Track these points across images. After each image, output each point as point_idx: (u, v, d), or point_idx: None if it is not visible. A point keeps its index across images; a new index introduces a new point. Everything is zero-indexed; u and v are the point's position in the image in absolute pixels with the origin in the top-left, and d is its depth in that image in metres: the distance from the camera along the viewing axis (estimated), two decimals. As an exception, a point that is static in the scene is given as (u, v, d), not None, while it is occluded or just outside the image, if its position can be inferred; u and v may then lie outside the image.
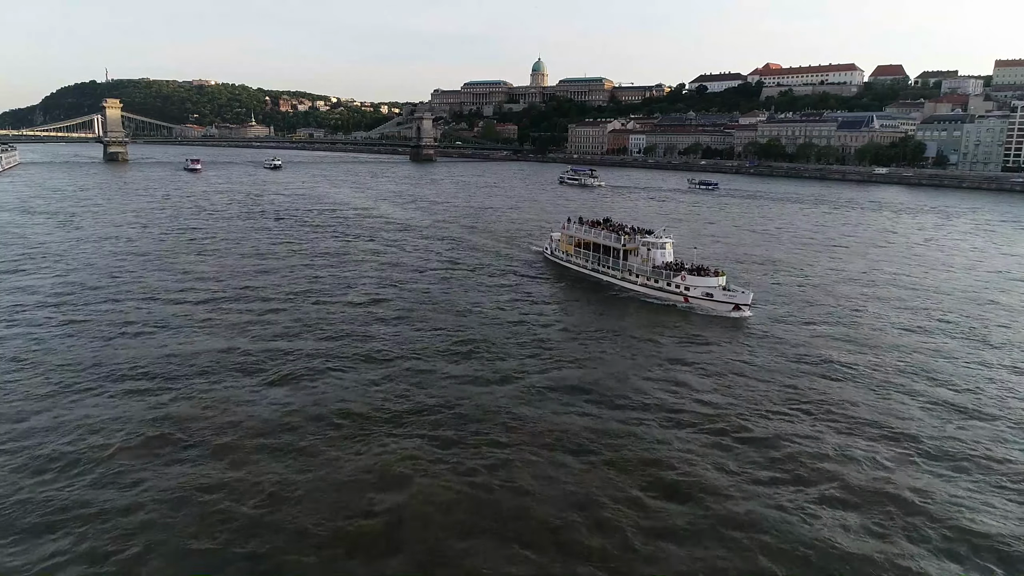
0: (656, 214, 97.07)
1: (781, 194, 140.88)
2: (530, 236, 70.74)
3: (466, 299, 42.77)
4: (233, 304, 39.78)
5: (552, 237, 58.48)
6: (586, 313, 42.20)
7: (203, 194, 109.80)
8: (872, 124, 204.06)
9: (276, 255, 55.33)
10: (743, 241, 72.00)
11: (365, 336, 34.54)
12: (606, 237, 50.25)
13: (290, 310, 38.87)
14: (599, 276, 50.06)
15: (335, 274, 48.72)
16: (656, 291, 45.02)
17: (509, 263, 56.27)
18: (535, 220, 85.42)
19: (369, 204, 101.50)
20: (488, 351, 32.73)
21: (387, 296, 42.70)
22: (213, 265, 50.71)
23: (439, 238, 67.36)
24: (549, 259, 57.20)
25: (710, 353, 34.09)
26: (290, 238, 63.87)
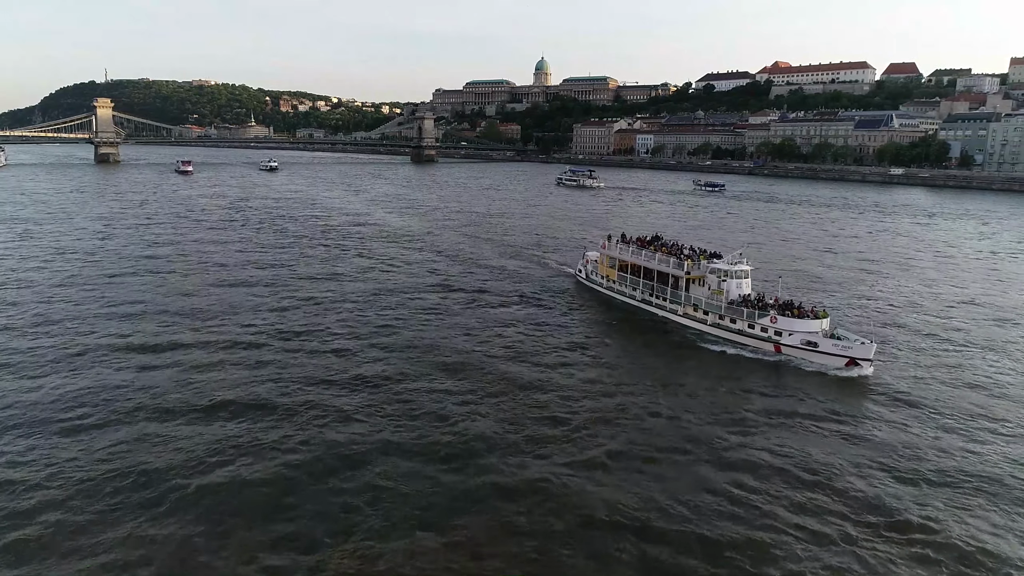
0: (658, 218, 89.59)
1: (798, 197, 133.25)
2: (541, 247, 63.32)
3: (470, 343, 33.56)
4: (160, 356, 30.03)
5: (587, 257, 48.66)
6: (635, 366, 32.44)
7: (186, 198, 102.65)
8: (891, 123, 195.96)
9: (244, 279, 45.41)
10: (773, 254, 63.06)
11: (328, 416, 24.51)
12: (662, 261, 40.53)
13: (231, 372, 28.57)
14: (652, 310, 40.92)
15: (307, 310, 38.38)
16: (733, 335, 35.36)
17: (526, 286, 47.12)
18: (547, 228, 78.03)
19: (363, 210, 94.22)
20: (496, 438, 23.18)
21: (362, 346, 32.12)
22: (160, 292, 41.69)
23: (437, 251, 59.87)
24: (584, 284, 47.88)
25: (837, 443, 23.52)
26: (266, 254, 55.97)
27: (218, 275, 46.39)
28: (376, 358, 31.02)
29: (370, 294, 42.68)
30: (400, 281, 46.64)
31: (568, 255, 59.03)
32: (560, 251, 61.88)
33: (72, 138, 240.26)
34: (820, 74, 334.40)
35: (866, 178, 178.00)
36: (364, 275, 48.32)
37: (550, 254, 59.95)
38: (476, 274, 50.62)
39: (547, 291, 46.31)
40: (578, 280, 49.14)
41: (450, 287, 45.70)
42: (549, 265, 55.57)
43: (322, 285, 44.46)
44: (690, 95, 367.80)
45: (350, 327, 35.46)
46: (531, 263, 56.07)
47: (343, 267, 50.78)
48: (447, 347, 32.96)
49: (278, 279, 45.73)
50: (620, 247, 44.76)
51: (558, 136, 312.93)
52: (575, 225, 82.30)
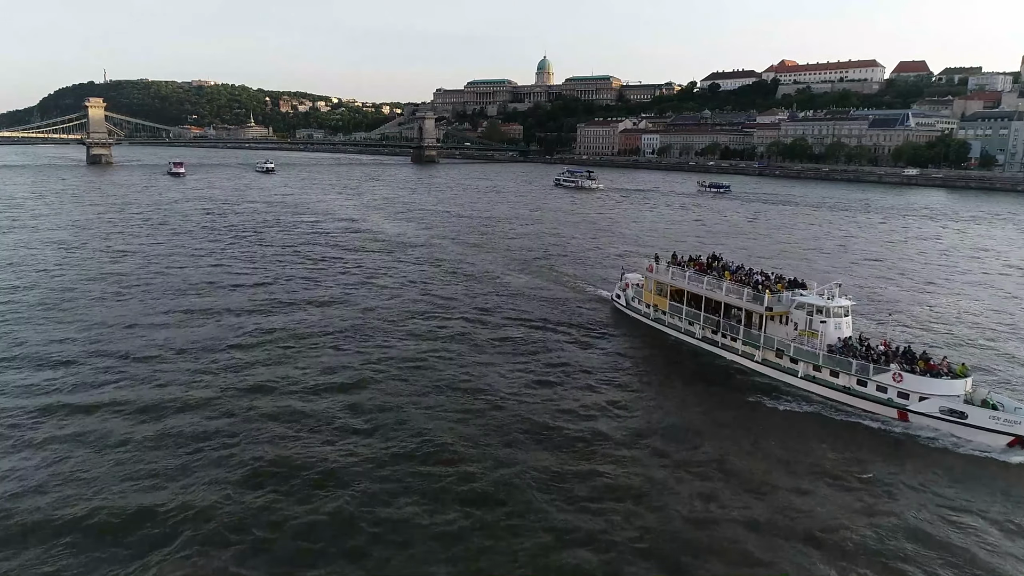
0: (669, 224, 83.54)
1: (815, 199, 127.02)
2: (550, 258, 57.21)
3: (473, 394, 26.60)
4: (66, 425, 23.05)
5: (628, 280, 40.89)
6: (702, 429, 24.49)
7: (170, 203, 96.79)
8: (907, 122, 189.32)
9: (206, 307, 37.97)
10: (813, 268, 53.64)
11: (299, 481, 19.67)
12: (732, 291, 32.22)
13: (172, 422, 23.16)
14: (717, 351, 32.71)
15: (272, 349, 30.86)
16: (836, 392, 26.89)
17: (544, 311, 39.70)
18: (555, 235, 71.92)
19: (357, 215, 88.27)
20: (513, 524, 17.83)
21: (332, 411, 24.53)
22: (98, 326, 34.34)
23: (435, 264, 53.73)
24: (623, 312, 40.24)
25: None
26: (242, 269, 49.62)
27: (177, 300, 39.71)
28: (350, 428, 23.62)
29: (352, 324, 35.88)
30: (390, 305, 40.18)
31: (587, 269, 52.89)
32: (575, 263, 55.77)
33: (64, 139, 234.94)
34: (828, 73, 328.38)
35: (882, 179, 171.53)
36: (349, 297, 42.00)
37: (564, 267, 53.73)
38: (480, 294, 44.00)
39: (572, 318, 38.95)
40: (615, 306, 41.23)
41: (449, 312, 39.20)
42: (567, 282, 48.60)
43: (297, 313, 37.67)
44: (695, 94, 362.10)
45: (319, 379, 28.11)
46: (544, 279, 49.34)
47: (326, 287, 44.41)
48: (444, 407, 25.64)
49: (247, 304, 39.11)
50: (673, 271, 36.30)
51: (561, 136, 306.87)
52: (584, 232, 76.28)
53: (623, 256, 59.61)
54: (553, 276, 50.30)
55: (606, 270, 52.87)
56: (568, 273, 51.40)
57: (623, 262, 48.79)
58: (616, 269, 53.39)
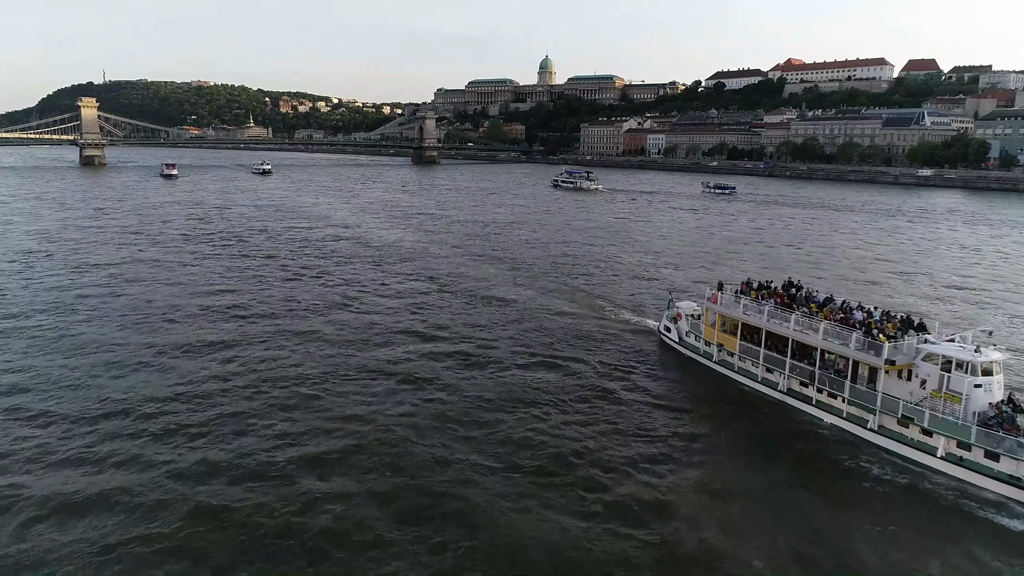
0: (672, 228, 78.00)
1: (829, 201, 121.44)
2: (560, 270, 51.72)
3: (473, 463, 20.79)
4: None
5: (680, 311, 33.58)
6: (800, 527, 18.26)
7: (155, 207, 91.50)
8: (923, 121, 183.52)
9: (164, 334, 32.40)
10: (863, 287, 47.57)
11: None
12: (833, 335, 24.78)
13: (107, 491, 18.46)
14: (810, 410, 25.45)
15: (240, 387, 25.93)
16: (1000, 485, 19.66)
17: (564, 341, 33.14)
18: (565, 243, 66.47)
19: (351, 219, 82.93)
20: None
21: (295, 468, 19.90)
22: (44, 354, 29.67)
23: (433, 280, 48.15)
24: (673, 348, 33.16)
25: None
26: (216, 285, 43.92)
27: (125, 333, 33.32)
28: (317, 494, 18.83)
29: (331, 355, 30.05)
30: (377, 329, 34.47)
31: (607, 285, 46.96)
32: (591, 277, 49.99)
33: (56, 139, 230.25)
34: (836, 71, 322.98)
35: (898, 180, 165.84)
36: (330, 318, 36.38)
37: (579, 281, 48.06)
38: (483, 318, 37.48)
39: (603, 352, 31.81)
40: (663, 340, 34.06)
41: (446, 341, 33.30)
42: (584, 301, 42.08)
43: (268, 344, 31.39)
44: (699, 94, 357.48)
45: (284, 429, 23.03)
46: (559, 297, 43.08)
47: (307, 307, 38.68)
48: (436, 475, 20.35)
49: (208, 335, 32.95)
50: (745, 304, 28.78)
51: (564, 136, 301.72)
52: (594, 238, 70.83)
53: (647, 271, 54.12)
54: (569, 293, 44.08)
55: (629, 285, 47.23)
56: (583, 288, 45.61)
57: (673, 290, 40.60)
58: (635, 281, 48.21)
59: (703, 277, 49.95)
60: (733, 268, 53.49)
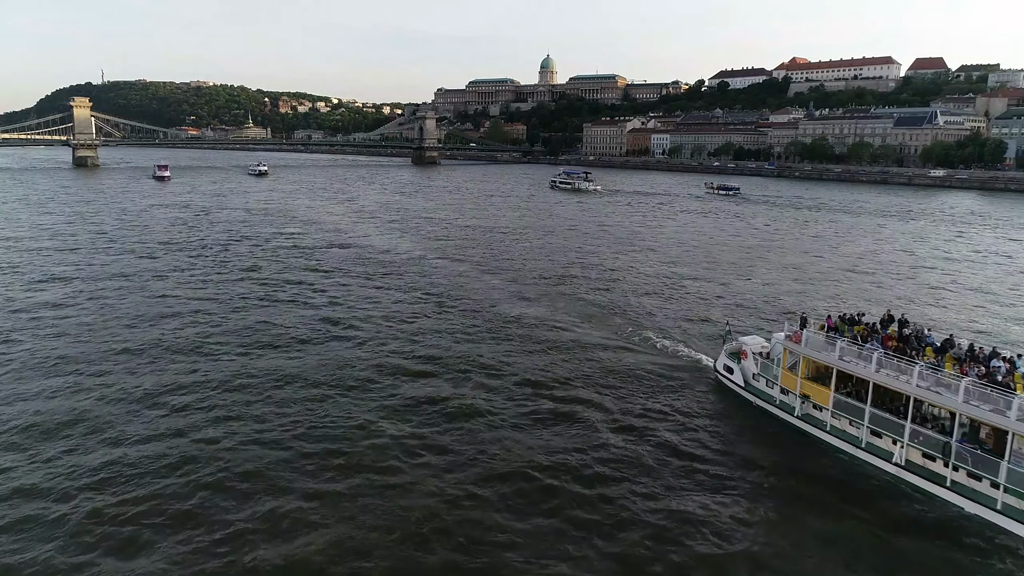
0: (685, 233, 73.25)
1: (844, 203, 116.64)
2: (574, 282, 47.05)
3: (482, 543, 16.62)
4: None
5: (746, 348, 27.05)
6: None
7: (139, 211, 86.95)
8: (936, 120, 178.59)
9: (119, 362, 28.16)
10: (916, 307, 41.48)
11: None
12: (980, 395, 18.91)
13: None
14: (941, 493, 19.49)
15: (199, 432, 21.83)
16: None
17: (587, 374, 28.21)
18: (575, 249, 61.82)
19: (346, 224, 78.35)
20: None
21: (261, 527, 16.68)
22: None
23: (430, 292, 43.48)
24: (735, 392, 26.98)
25: None
26: (185, 300, 39.31)
27: (77, 360, 28.90)
28: None
29: (301, 411, 23.96)
30: (362, 366, 29.21)
31: (627, 305, 41.81)
32: (609, 291, 45.07)
33: (48, 140, 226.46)
34: (842, 70, 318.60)
35: (912, 180, 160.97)
36: (308, 351, 31.27)
37: (597, 296, 43.26)
38: (487, 347, 31.91)
39: (640, 393, 26.28)
40: (721, 381, 27.83)
41: (443, 372, 28.55)
42: (603, 320, 36.86)
43: (229, 391, 25.87)
44: (703, 93, 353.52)
45: (253, 480, 19.15)
46: (576, 315, 37.80)
47: (283, 335, 33.56)
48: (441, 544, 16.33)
49: (165, 370, 28.18)
50: (842, 345, 22.62)
51: (566, 136, 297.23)
52: (605, 245, 66.19)
53: (669, 284, 49.33)
54: (585, 313, 38.80)
55: (653, 303, 42.16)
56: (601, 306, 40.58)
57: (728, 320, 33.56)
58: (659, 299, 42.88)
59: (736, 292, 45.25)
60: (769, 283, 48.86)
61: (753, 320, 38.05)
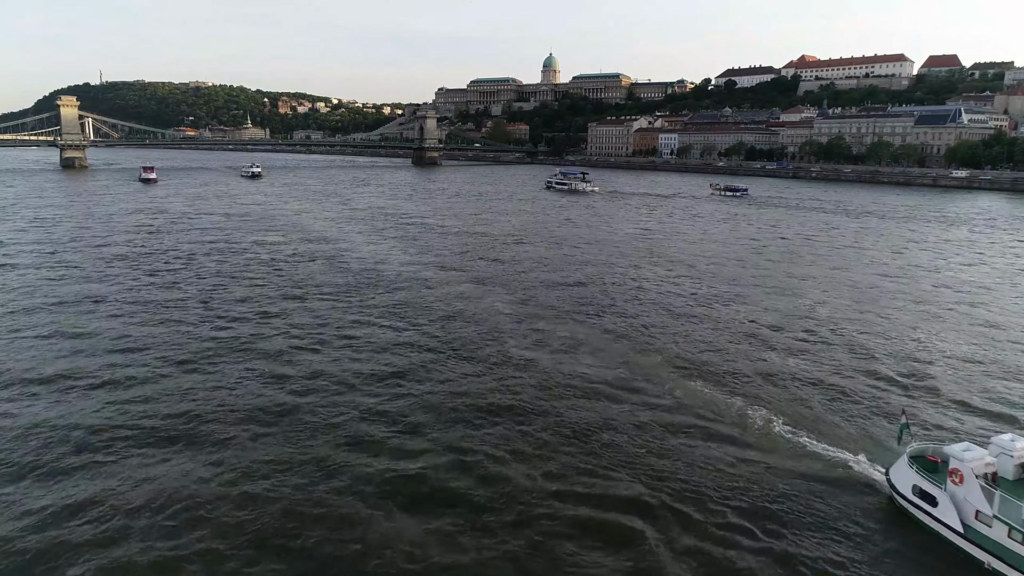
0: (710, 240, 65.39)
1: (871, 206, 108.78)
2: (595, 305, 39.31)
3: None
4: None
5: (957, 462, 17.18)
6: None
7: (110, 216, 79.51)
8: (960, 118, 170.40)
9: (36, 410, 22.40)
10: None
11: None
12: None
13: None
14: None
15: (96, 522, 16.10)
16: None
17: (646, 481, 19.13)
18: (595, 265, 54.05)
19: (334, 231, 70.78)
20: None
21: None
22: None
23: (424, 325, 35.87)
24: (949, 539, 17.04)
25: None
26: (120, 331, 32.06)
27: None
28: None
29: (246, 511, 17.70)
30: (330, 437, 21.83)
31: (670, 339, 33.68)
32: (637, 317, 37.63)
33: (38, 140, 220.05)
34: (853, 68, 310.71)
35: (937, 181, 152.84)
36: (259, 417, 23.65)
37: (625, 323, 35.61)
38: (495, 422, 23.06)
39: (751, 514, 17.74)
40: (904, 508, 18.37)
41: (435, 451, 20.87)
42: (651, 370, 27.77)
43: (150, 478, 19.73)
44: (710, 92, 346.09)
45: None
46: (602, 359, 29.43)
47: (233, 392, 25.99)
48: None
49: (68, 450, 21.34)
50: None
51: (570, 136, 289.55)
52: (618, 255, 58.50)
53: (714, 306, 41.52)
54: (616, 351, 30.18)
55: (704, 334, 34.15)
56: (632, 338, 32.56)
57: (900, 401, 24.45)
58: (708, 328, 33.99)
59: (840, 332, 35.31)
60: (887, 319, 39.37)
61: (912, 393, 26.05)
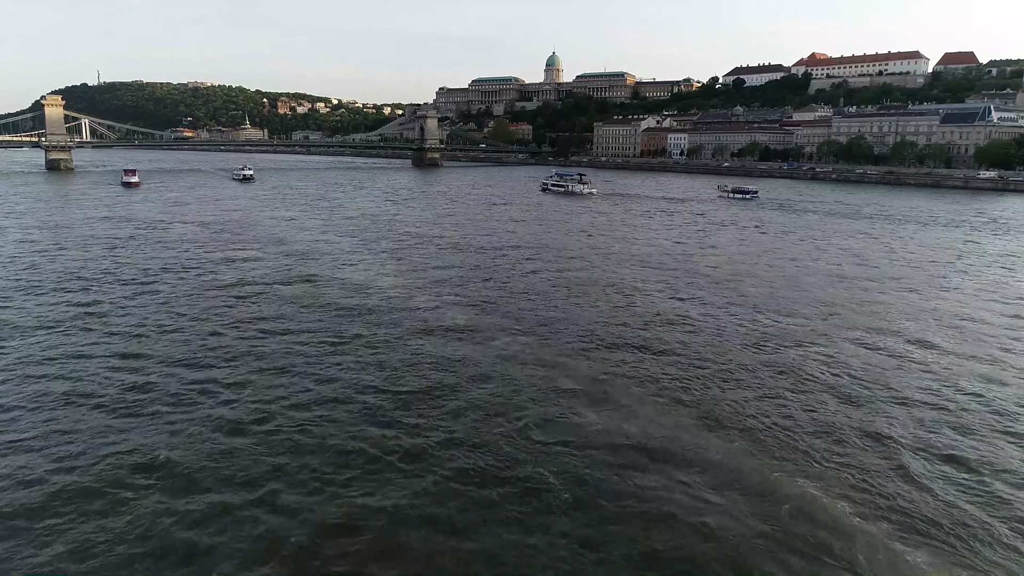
0: (745, 250, 56.79)
1: (905, 211, 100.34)
2: (623, 340, 30.79)
3: None
4: None
5: None
6: None
7: (70, 224, 71.26)
8: (989, 116, 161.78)
9: None
10: None
11: None
12: None
13: None
14: None
15: None
16: None
17: None
18: (618, 288, 45.54)
19: (320, 243, 62.30)
20: None
21: None
22: None
23: (413, 376, 27.56)
24: None
25: None
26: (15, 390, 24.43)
27: None
28: None
29: None
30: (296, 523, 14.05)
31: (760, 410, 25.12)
32: (701, 371, 29.26)
33: (27, 141, 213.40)
34: (865, 65, 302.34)
35: (969, 183, 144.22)
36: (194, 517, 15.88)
37: (681, 374, 27.22)
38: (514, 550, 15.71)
39: None
40: None
41: None
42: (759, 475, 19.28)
43: None
44: (717, 91, 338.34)
45: None
46: (665, 434, 21.47)
47: (162, 460, 18.32)
48: None
49: None
50: None
51: (575, 136, 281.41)
52: (646, 272, 50.03)
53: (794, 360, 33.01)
54: (684, 425, 21.94)
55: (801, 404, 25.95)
56: (700, 404, 24.24)
57: None
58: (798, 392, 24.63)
59: None
60: (945, 356, 32.11)
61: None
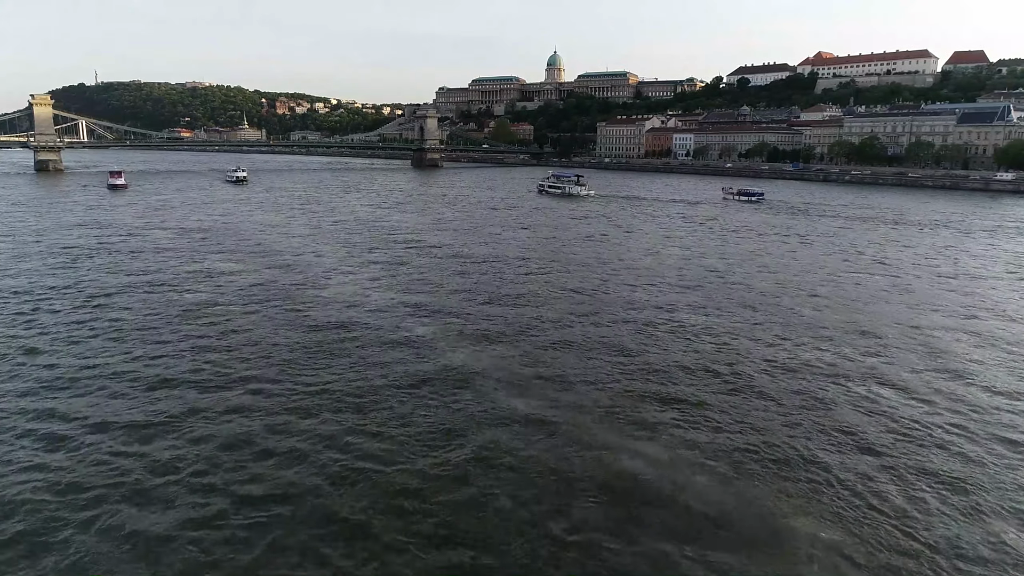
0: (767, 260, 51.41)
1: (930, 215, 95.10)
2: (685, 408, 25.36)
3: None
4: None
5: None
6: None
7: (38, 232, 66.07)
8: (1008, 116, 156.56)
9: None
10: None
11: None
12: None
13: None
14: None
15: None
16: None
17: None
18: (636, 307, 40.15)
19: (307, 252, 56.98)
20: None
21: None
22: None
23: (398, 427, 22.21)
24: None
25: None
26: None
27: None
28: None
29: None
30: None
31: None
32: (770, 437, 23.97)
33: (5, 141, 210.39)
34: (873, 65, 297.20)
35: (989, 185, 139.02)
36: None
37: (741, 441, 21.97)
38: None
39: None
40: None
41: None
42: None
43: None
44: (721, 90, 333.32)
45: None
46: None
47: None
48: None
49: None
50: None
51: (577, 136, 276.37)
52: (661, 287, 44.69)
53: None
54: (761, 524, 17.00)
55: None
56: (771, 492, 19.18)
57: None
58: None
59: None
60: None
61: None
